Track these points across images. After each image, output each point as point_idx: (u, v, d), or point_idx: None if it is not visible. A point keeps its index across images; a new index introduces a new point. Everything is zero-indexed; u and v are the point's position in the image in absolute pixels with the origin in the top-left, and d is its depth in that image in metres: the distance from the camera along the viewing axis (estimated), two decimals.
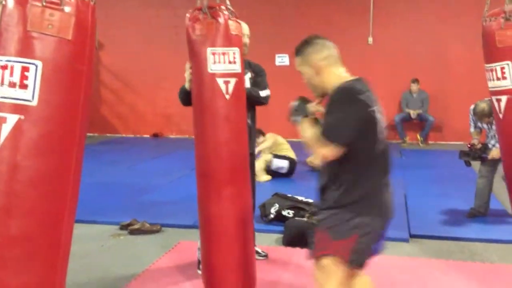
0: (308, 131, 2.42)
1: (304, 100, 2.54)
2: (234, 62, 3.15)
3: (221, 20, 3.11)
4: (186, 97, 3.38)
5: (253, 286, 3.44)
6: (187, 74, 3.33)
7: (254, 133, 4.00)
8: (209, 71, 3.12)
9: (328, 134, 2.29)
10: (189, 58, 3.25)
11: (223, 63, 3.13)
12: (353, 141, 2.29)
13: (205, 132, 3.23)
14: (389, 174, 2.47)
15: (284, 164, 7.07)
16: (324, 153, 2.31)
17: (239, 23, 3.25)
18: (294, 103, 2.56)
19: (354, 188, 2.36)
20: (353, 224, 2.34)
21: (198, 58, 3.16)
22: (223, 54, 3.12)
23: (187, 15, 3.18)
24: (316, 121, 2.51)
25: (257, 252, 4.14)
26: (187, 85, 3.36)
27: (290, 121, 2.54)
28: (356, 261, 2.39)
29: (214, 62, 3.12)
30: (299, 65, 2.50)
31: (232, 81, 3.15)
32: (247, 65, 3.84)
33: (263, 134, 7.26)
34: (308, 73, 2.47)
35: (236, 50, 3.17)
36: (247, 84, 3.78)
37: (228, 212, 3.22)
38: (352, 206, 2.35)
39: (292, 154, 7.21)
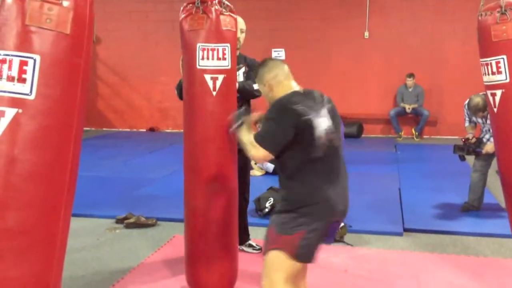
0: (244, 136, 2.70)
1: (241, 112, 2.85)
2: (224, 59, 3.15)
3: (212, 15, 3.11)
4: (181, 92, 3.40)
5: (234, 278, 3.49)
6: (181, 69, 3.35)
7: None
8: (198, 66, 3.13)
9: (259, 139, 2.55)
10: (182, 52, 3.26)
11: (211, 59, 3.12)
12: (288, 146, 2.51)
13: (192, 128, 3.26)
14: (337, 174, 2.64)
15: (269, 167, 6.98)
16: (254, 154, 2.60)
17: (233, 17, 3.23)
18: (233, 115, 2.87)
19: (297, 190, 2.56)
20: (300, 222, 2.50)
21: (188, 52, 3.17)
22: (212, 50, 3.12)
23: (181, 8, 3.19)
24: (251, 128, 2.79)
25: (251, 246, 4.18)
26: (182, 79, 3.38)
27: (230, 131, 2.88)
28: (302, 255, 2.52)
29: (203, 58, 3.12)
30: (258, 85, 2.81)
31: (220, 77, 3.16)
32: (242, 59, 3.85)
33: None
34: (263, 90, 2.76)
35: (227, 46, 3.15)
36: (241, 78, 3.79)
37: (213, 206, 3.25)
38: (297, 207, 2.53)
39: None
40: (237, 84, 3.54)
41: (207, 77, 3.13)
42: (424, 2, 10.56)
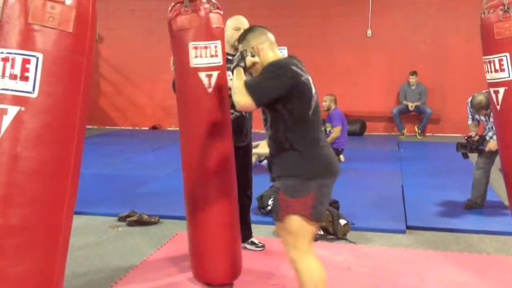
0: (237, 79, 2.68)
1: (243, 54, 2.81)
2: (216, 55, 3.18)
3: (202, 13, 3.14)
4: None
5: (238, 273, 3.52)
6: (172, 68, 3.38)
7: (249, 124, 3.98)
8: (191, 65, 3.16)
9: (248, 86, 2.59)
10: (172, 52, 3.29)
11: (205, 57, 3.16)
12: (283, 105, 2.60)
13: (189, 125, 3.29)
14: (324, 135, 2.82)
15: None
16: (238, 100, 2.61)
17: (220, 14, 3.26)
18: (237, 55, 2.84)
19: (297, 155, 2.63)
20: (308, 184, 2.59)
21: (180, 52, 3.20)
22: (205, 48, 3.15)
23: (169, 8, 3.21)
24: (248, 73, 2.83)
25: (254, 243, 4.17)
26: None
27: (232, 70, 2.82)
28: (316, 214, 2.62)
29: (196, 56, 3.15)
30: (242, 49, 2.82)
31: (215, 74, 3.19)
32: (243, 57, 3.85)
33: None
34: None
35: (218, 43, 3.19)
36: None
37: (212, 201, 3.29)
38: (303, 172, 2.61)
39: None
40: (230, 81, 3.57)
41: (202, 74, 3.17)
42: (427, 0, 10.53)
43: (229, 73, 3.75)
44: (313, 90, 2.70)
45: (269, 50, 2.79)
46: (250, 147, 4.07)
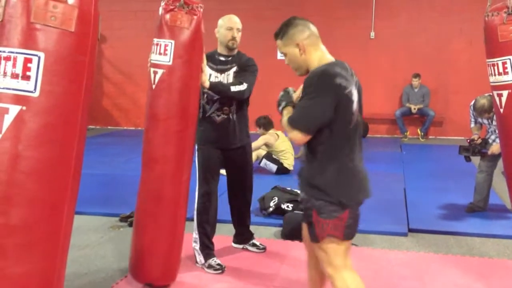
0: (285, 117, 2.53)
1: (287, 91, 2.69)
2: (165, 54, 3.17)
3: (160, 10, 3.19)
4: None
5: (176, 271, 3.52)
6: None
7: (240, 127, 3.86)
8: (150, 60, 3.26)
9: (295, 120, 2.43)
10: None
11: (155, 53, 3.20)
12: (328, 123, 2.40)
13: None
14: (361, 150, 2.59)
15: (272, 167, 7.02)
16: (293, 137, 2.46)
17: (193, 16, 3.18)
18: (280, 94, 2.70)
19: (332, 173, 2.47)
20: (343, 204, 2.47)
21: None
22: (156, 45, 3.20)
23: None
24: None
25: (255, 245, 4.16)
26: None
27: (279, 112, 2.66)
28: (349, 234, 2.55)
29: (152, 52, 3.23)
30: (282, 47, 2.59)
31: (159, 72, 3.20)
32: (237, 59, 3.82)
33: (266, 127, 7.18)
34: (293, 53, 2.56)
35: (170, 42, 3.15)
36: (230, 77, 3.77)
37: (147, 196, 3.46)
38: (337, 192, 2.47)
39: (288, 162, 7.05)
40: (209, 82, 3.54)
41: (151, 70, 3.24)
42: (430, 2, 10.52)
43: (216, 74, 3.75)
44: (355, 103, 2.46)
45: (314, 48, 2.54)
46: (246, 150, 3.99)
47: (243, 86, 3.67)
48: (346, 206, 2.48)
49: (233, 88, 3.65)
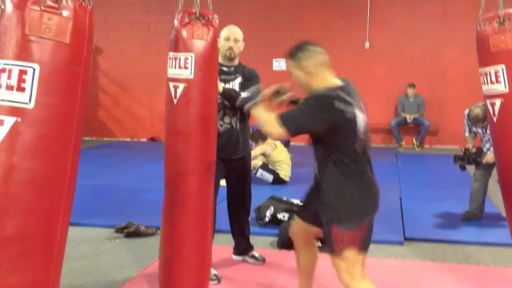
0: (261, 112, 2.68)
1: (256, 90, 2.82)
2: (186, 68, 3.15)
3: (176, 23, 3.16)
4: None
5: (207, 283, 3.51)
6: None
7: (242, 137, 3.90)
8: (167, 75, 3.25)
9: (282, 117, 2.56)
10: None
11: (173, 67, 3.18)
12: (329, 137, 2.60)
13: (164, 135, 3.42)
14: (371, 168, 2.82)
15: (268, 178, 7.01)
16: (271, 130, 2.61)
17: (209, 28, 3.18)
18: (249, 92, 2.87)
19: (355, 183, 2.68)
20: (360, 218, 2.68)
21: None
22: (175, 59, 3.17)
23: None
24: (268, 106, 2.78)
25: (254, 257, 4.15)
26: None
27: (245, 109, 2.82)
28: (366, 245, 2.73)
29: (170, 66, 3.21)
30: (290, 68, 2.76)
31: (181, 86, 3.18)
32: (241, 69, 3.85)
33: (263, 139, 7.16)
34: (298, 76, 2.72)
35: (190, 55, 3.13)
36: (236, 88, 3.79)
37: (188, 215, 3.34)
38: (356, 201, 2.67)
39: (284, 173, 7.05)
40: (222, 87, 3.58)
41: (170, 84, 3.23)
42: (424, 12, 10.59)
43: (221, 84, 3.76)
44: (361, 123, 2.64)
45: (319, 74, 2.69)
46: (246, 160, 4.02)
47: None
48: (364, 218, 2.68)
49: (244, 94, 3.67)
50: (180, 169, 3.30)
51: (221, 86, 3.56)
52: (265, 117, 2.63)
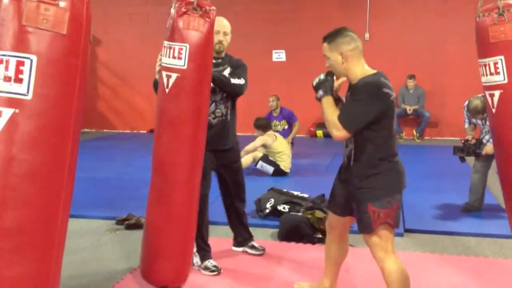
0: (328, 110, 2.79)
1: (327, 79, 2.87)
2: (180, 58, 3.13)
3: (173, 12, 3.15)
4: (156, 89, 3.45)
5: (187, 272, 3.50)
6: (157, 65, 3.40)
7: (232, 128, 3.91)
8: (161, 63, 3.24)
9: (344, 120, 2.70)
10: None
11: (167, 56, 3.17)
12: (370, 127, 2.72)
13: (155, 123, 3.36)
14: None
15: (268, 169, 7.00)
16: (335, 134, 2.74)
17: (205, 19, 3.15)
18: (320, 78, 2.90)
19: (385, 165, 2.80)
20: (394, 196, 2.79)
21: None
22: (169, 48, 3.15)
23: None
24: (337, 100, 2.91)
25: (254, 247, 4.15)
26: (156, 76, 3.44)
27: (317, 97, 2.88)
28: (398, 222, 2.86)
29: (164, 55, 3.20)
30: (327, 51, 2.83)
31: (173, 76, 3.16)
32: (227, 61, 3.86)
33: (264, 129, 7.18)
34: (335, 60, 2.81)
35: (184, 46, 3.12)
36: None
37: (175, 202, 3.30)
38: (390, 181, 2.81)
39: (285, 164, 7.01)
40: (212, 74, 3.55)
41: (163, 74, 3.20)
42: (424, 3, 10.56)
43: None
44: (394, 107, 2.84)
45: (356, 61, 2.82)
46: (236, 150, 4.04)
47: (242, 81, 3.78)
48: (397, 196, 2.80)
49: (233, 81, 3.72)
50: (167, 158, 3.28)
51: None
52: (331, 118, 2.74)
